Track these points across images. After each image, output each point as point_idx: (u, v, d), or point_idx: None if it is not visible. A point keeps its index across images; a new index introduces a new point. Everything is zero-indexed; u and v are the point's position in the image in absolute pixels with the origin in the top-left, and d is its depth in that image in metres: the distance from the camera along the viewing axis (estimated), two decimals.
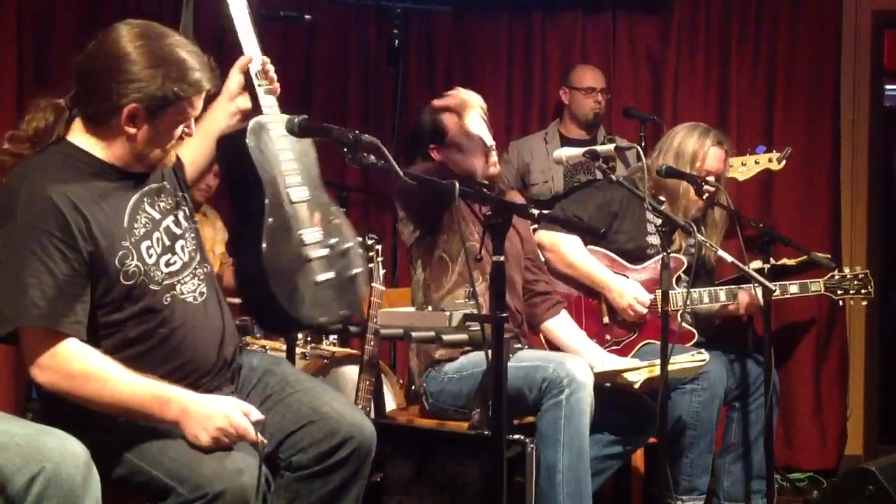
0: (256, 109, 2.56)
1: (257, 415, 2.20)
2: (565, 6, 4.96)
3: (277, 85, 2.60)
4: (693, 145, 3.77)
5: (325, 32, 4.95)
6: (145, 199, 2.30)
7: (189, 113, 2.26)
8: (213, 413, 2.14)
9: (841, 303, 4.02)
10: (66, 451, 1.90)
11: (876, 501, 3.16)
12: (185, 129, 2.28)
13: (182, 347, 2.28)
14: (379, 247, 3.14)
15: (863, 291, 3.88)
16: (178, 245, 2.32)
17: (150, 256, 2.25)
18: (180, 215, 2.37)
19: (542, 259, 3.63)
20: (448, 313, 2.38)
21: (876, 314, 4.84)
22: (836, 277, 3.86)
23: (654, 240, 3.81)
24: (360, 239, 2.99)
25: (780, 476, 4.33)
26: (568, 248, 3.69)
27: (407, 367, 4.50)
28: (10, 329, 2.10)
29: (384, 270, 3.18)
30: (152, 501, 2.18)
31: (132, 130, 2.20)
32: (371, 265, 3.10)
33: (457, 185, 2.26)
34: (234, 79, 2.57)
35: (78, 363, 2.11)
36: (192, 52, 2.23)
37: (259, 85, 2.56)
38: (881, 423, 4.93)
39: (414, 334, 2.52)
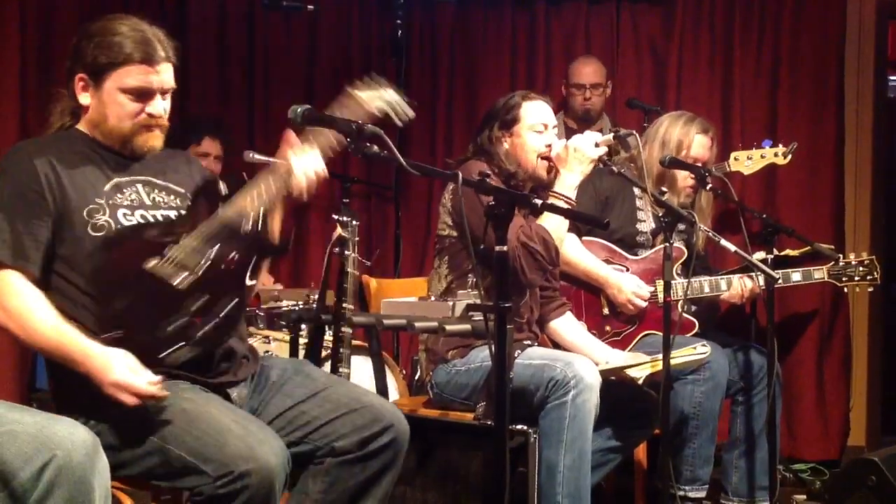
0: None
1: (150, 377, 2.17)
2: None
3: None
4: (678, 134, 3.77)
5: (327, 22, 4.94)
6: (140, 185, 2.42)
7: (130, 85, 2.33)
8: (104, 380, 2.15)
9: (846, 290, 4.00)
10: (76, 438, 1.91)
11: (878, 492, 3.17)
12: (149, 111, 2.36)
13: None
14: (356, 223, 3.05)
15: (868, 278, 3.86)
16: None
17: (126, 221, 2.34)
18: (180, 213, 2.42)
19: None
20: (451, 303, 2.37)
21: (879, 305, 4.83)
22: (841, 264, 3.85)
23: (644, 227, 3.82)
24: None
25: (782, 467, 4.33)
26: (564, 247, 3.68)
27: (409, 358, 4.51)
28: None
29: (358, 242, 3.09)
30: (169, 481, 2.20)
31: (85, 101, 2.38)
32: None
33: (460, 175, 2.26)
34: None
35: (13, 299, 2.22)
36: (134, 30, 2.34)
37: None
38: (884, 414, 4.93)
39: (417, 324, 2.51)
